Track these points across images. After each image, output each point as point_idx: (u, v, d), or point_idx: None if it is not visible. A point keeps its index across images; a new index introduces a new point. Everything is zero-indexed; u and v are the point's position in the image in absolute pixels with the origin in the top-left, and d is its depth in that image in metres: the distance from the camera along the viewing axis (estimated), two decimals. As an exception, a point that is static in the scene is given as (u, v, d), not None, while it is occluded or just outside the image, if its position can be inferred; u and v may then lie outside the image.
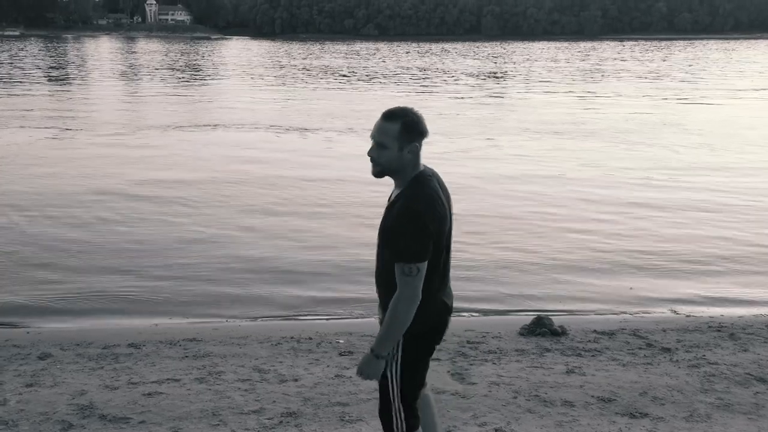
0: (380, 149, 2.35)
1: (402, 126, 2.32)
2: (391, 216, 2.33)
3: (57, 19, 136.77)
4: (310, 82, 32.80)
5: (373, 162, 2.38)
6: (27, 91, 26.01)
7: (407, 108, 2.37)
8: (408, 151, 2.36)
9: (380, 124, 2.35)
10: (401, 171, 2.37)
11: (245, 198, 9.85)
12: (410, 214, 2.28)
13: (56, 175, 11.08)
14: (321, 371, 4.33)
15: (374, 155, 2.37)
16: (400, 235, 2.27)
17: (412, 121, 2.35)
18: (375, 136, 2.36)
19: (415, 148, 2.37)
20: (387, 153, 2.34)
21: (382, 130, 2.34)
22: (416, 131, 2.35)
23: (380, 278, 2.47)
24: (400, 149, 2.33)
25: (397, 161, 2.35)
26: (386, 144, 2.33)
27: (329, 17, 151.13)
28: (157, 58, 55.26)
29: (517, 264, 7.14)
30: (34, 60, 47.36)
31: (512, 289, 6.52)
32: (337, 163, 12.65)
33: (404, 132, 2.32)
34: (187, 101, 23.53)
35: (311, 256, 7.41)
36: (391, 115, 2.34)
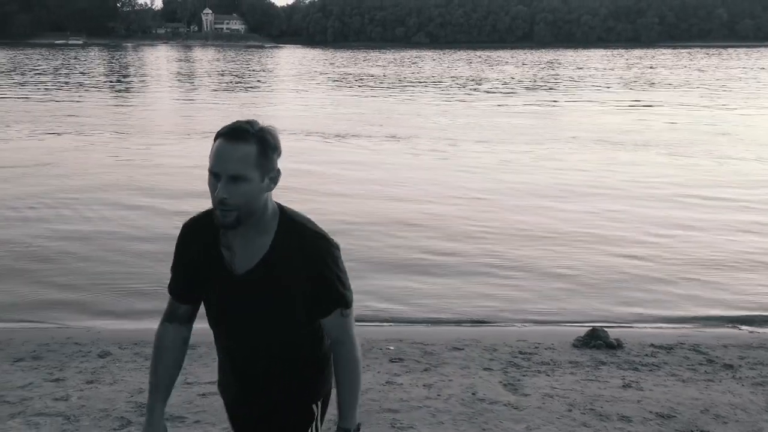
0: (236, 185, 1.65)
1: (259, 146, 1.67)
2: (292, 267, 1.75)
3: (118, 29, 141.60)
4: (357, 89, 32.99)
5: (225, 205, 1.66)
6: (83, 97, 26.93)
7: (253, 120, 1.72)
8: (271, 179, 1.73)
9: (227, 149, 1.65)
10: (262, 209, 1.74)
11: (301, 202, 9.95)
12: (328, 248, 1.79)
13: (111, 177, 11.40)
14: (372, 377, 4.33)
15: (226, 195, 1.64)
16: (333, 277, 1.79)
17: (271, 136, 1.71)
18: (223, 167, 1.65)
19: (278, 174, 1.75)
20: (247, 188, 1.66)
21: (234, 157, 1.65)
22: (276, 149, 1.72)
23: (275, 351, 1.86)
24: (261, 179, 1.69)
25: (259, 196, 1.70)
26: (244, 175, 1.65)
27: (380, 26, 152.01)
28: (211, 66, 56.53)
29: (570, 275, 7.01)
30: (94, 67, 49.04)
31: (566, 300, 6.40)
32: (380, 168, 12.66)
33: (264, 154, 1.68)
34: (239, 108, 23.96)
35: (357, 259, 7.42)
36: (240, 134, 1.67)
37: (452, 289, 6.66)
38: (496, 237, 8.18)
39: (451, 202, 9.88)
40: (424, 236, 8.25)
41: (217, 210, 1.69)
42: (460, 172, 12.20)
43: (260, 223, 1.76)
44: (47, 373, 4.34)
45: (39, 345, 4.94)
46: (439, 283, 6.79)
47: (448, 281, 6.85)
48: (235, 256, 1.79)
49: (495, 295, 6.50)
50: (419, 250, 7.73)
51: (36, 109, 21.76)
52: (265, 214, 1.76)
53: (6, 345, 4.92)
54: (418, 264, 7.27)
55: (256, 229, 1.76)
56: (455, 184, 11.11)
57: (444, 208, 9.51)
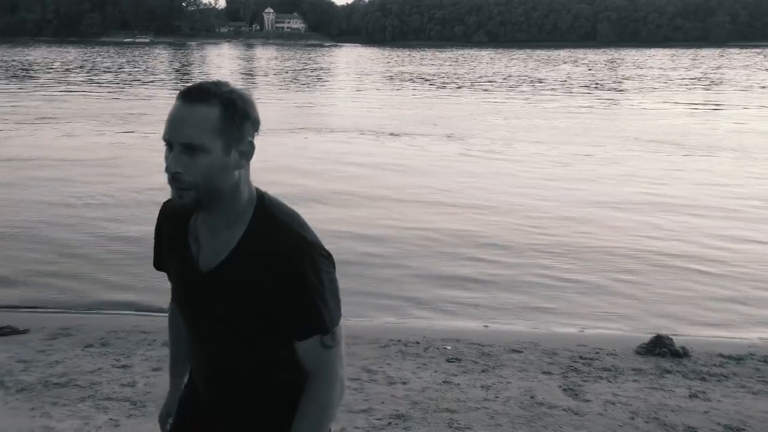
0: (192, 156, 1.35)
1: (223, 109, 1.36)
2: (261, 272, 1.41)
3: (183, 27, 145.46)
4: (412, 88, 32.93)
5: (178, 181, 1.36)
6: (145, 94, 27.77)
7: (222, 81, 1.42)
8: (240, 154, 1.41)
9: (182, 111, 1.36)
10: (230, 191, 1.41)
11: (352, 201, 9.99)
12: (310, 254, 1.43)
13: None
14: (429, 376, 4.32)
15: (179, 169, 1.35)
16: (311, 293, 1.42)
17: (240, 98, 1.39)
18: (175, 133, 1.36)
19: (250, 147, 1.43)
20: (205, 161, 1.35)
21: (190, 122, 1.35)
22: (248, 117, 1.40)
23: (237, 373, 1.54)
24: (226, 151, 1.38)
25: (222, 173, 1.38)
26: (201, 144, 1.34)
27: (439, 24, 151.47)
28: (270, 64, 57.46)
29: (633, 282, 6.81)
30: (157, 64, 50.51)
31: (628, 306, 6.23)
32: (439, 169, 12.60)
33: (229, 119, 1.37)
34: (296, 105, 24.27)
35: (416, 258, 7.42)
36: (200, 94, 1.37)
37: (511, 290, 6.59)
38: (554, 242, 7.99)
39: (506, 206, 9.67)
40: (479, 238, 8.15)
41: (172, 188, 1.38)
42: (514, 175, 11.97)
43: (230, 211, 1.43)
44: (115, 360, 4.50)
45: (107, 332, 5.12)
46: (497, 285, 6.72)
47: (507, 283, 6.77)
48: (200, 249, 1.49)
49: (555, 298, 6.39)
50: (473, 253, 7.63)
51: (101, 106, 22.54)
52: (237, 199, 1.43)
53: (77, 331, 5.12)
54: (473, 267, 7.19)
55: (225, 218, 1.44)
56: (510, 188, 10.89)
57: (498, 211, 9.35)
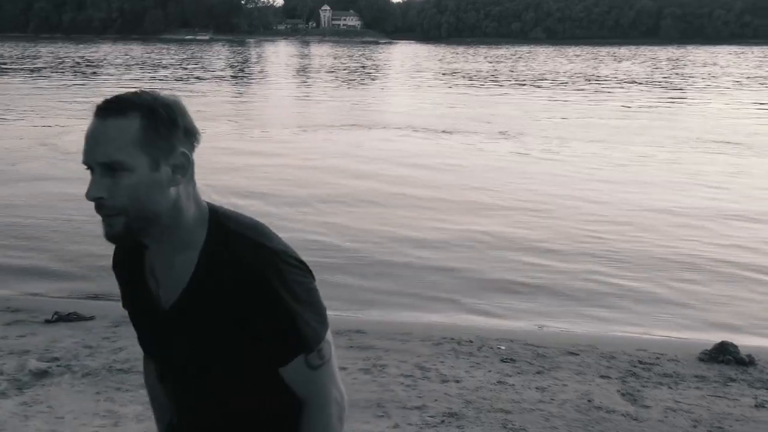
0: (113, 177, 1.18)
1: (145, 120, 1.19)
2: (225, 296, 1.24)
3: (241, 25, 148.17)
4: (465, 85, 32.65)
5: (103, 208, 1.20)
6: (204, 90, 28.36)
7: (144, 90, 1.24)
8: (173, 168, 1.22)
9: (97, 128, 1.19)
10: (169, 213, 1.23)
11: (404, 201, 9.98)
12: (276, 265, 1.26)
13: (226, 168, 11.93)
14: (482, 375, 4.28)
15: (102, 193, 1.18)
16: (286, 308, 1.25)
17: (164, 106, 1.21)
18: (91, 153, 1.18)
19: (184, 159, 1.23)
20: (130, 180, 1.18)
21: (104, 138, 1.18)
22: (176, 125, 1.22)
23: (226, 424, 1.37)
24: (153, 166, 1.20)
25: (153, 192, 1.20)
26: (122, 161, 1.17)
27: (496, 21, 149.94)
28: (324, 61, 57.93)
29: (694, 289, 6.58)
30: (215, 61, 51.56)
31: (691, 312, 6.03)
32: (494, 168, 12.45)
33: (153, 130, 1.19)
34: (349, 102, 24.39)
35: (467, 261, 7.35)
36: (116, 106, 1.19)
37: (565, 293, 6.46)
38: (610, 247, 7.73)
39: (561, 208, 9.37)
40: (531, 242, 7.98)
41: (102, 219, 1.21)
42: (569, 176, 11.62)
43: (177, 235, 1.25)
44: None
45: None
46: (551, 289, 6.59)
47: (561, 287, 6.62)
48: (159, 284, 1.32)
49: (611, 303, 6.24)
50: (525, 256, 7.45)
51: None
52: (182, 220, 1.24)
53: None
54: (526, 270, 7.05)
55: (174, 244, 1.26)
56: (564, 190, 10.52)
57: (553, 214, 9.08)
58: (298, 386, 1.32)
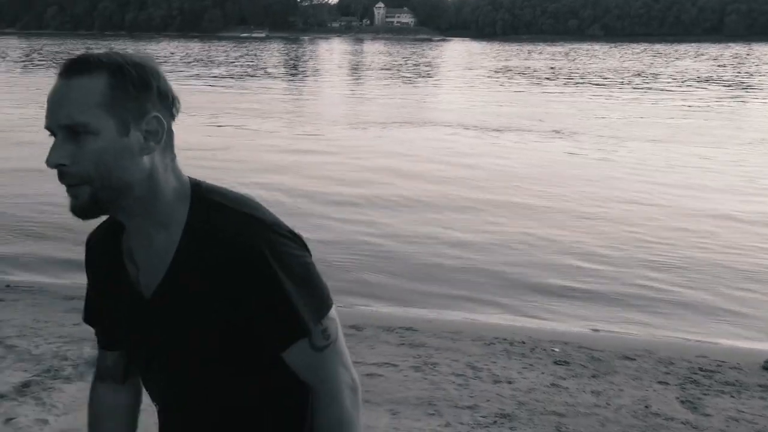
0: (77, 142, 1.05)
1: (112, 79, 1.06)
2: (213, 278, 1.11)
3: (297, 23, 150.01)
4: (518, 83, 32.21)
5: (65, 176, 1.07)
6: (256, 86, 28.78)
7: (116, 51, 1.11)
8: (146, 135, 1.09)
9: (60, 88, 1.07)
10: (143, 184, 1.10)
11: (454, 202, 9.91)
12: (268, 237, 1.12)
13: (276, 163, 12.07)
14: (535, 377, 4.22)
15: (63, 160, 1.05)
16: (282, 285, 1.11)
17: (135, 65, 1.08)
18: (53, 116, 1.06)
19: (158, 125, 1.10)
20: (95, 145, 1.05)
21: (67, 98, 1.06)
22: (148, 86, 1.09)
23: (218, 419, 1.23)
24: (122, 131, 1.07)
25: (122, 159, 1.07)
26: (86, 123, 1.05)
27: (552, 18, 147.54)
28: (376, 58, 58.06)
29: (756, 298, 6.31)
30: (269, 58, 52.31)
31: (752, 323, 5.80)
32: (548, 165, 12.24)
33: (121, 90, 1.06)
34: (400, 99, 24.37)
35: (518, 265, 7.24)
36: (81, 65, 1.07)
37: (620, 299, 6.30)
38: (668, 253, 7.43)
39: (616, 212, 9.01)
40: (584, 245, 7.76)
41: (67, 190, 1.09)
42: (625, 178, 11.21)
43: (155, 210, 1.12)
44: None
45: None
46: (606, 295, 6.42)
47: (616, 293, 6.44)
48: (138, 269, 1.19)
49: (668, 309, 6.05)
50: (578, 261, 7.24)
51: (216, 98, 23.60)
52: (158, 193, 1.11)
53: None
54: (579, 275, 6.87)
55: (152, 221, 1.13)
56: (619, 192, 10.14)
57: (607, 219, 8.77)
58: (303, 372, 1.18)
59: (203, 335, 1.14)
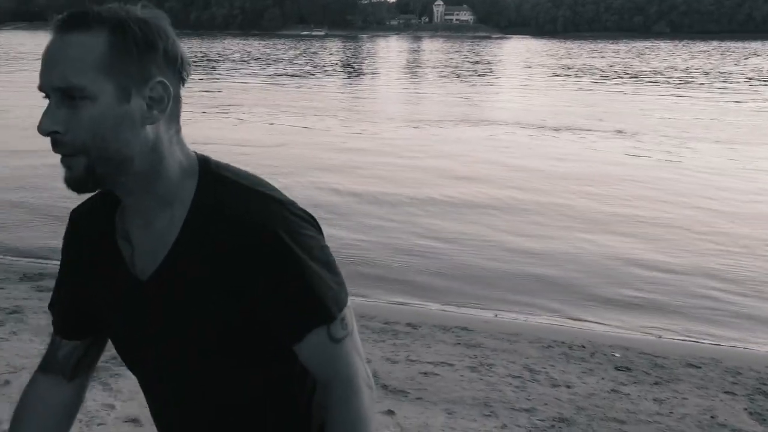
0: (72, 107, 0.95)
1: (113, 37, 0.96)
2: (222, 261, 1.00)
3: (355, 21, 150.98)
4: (577, 81, 31.52)
5: (59, 145, 0.97)
6: (314, 84, 29.06)
7: (119, 5, 0.99)
8: (150, 102, 0.99)
9: (57, 45, 0.96)
10: (145, 157, 1.00)
11: (508, 208, 9.78)
12: (284, 218, 1.02)
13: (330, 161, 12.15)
14: (595, 382, 4.13)
15: (57, 126, 0.95)
16: (299, 270, 1.01)
17: (140, 22, 0.98)
18: (47, 76, 0.96)
19: (163, 91, 0.99)
20: (92, 112, 0.95)
21: (62, 57, 0.95)
22: (153, 47, 0.98)
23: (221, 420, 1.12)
24: (122, 96, 0.97)
25: (121, 128, 0.97)
26: (82, 87, 0.95)
27: (616, 14, 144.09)
28: (435, 56, 57.87)
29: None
30: (327, 56, 52.76)
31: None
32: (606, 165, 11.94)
33: (123, 51, 0.96)
34: (457, 97, 24.20)
35: (575, 273, 7.08)
36: (79, 20, 0.96)
37: (684, 308, 6.08)
38: (736, 264, 7.07)
39: (681, 219, 8.62)
40: (644, 253, 7.53)
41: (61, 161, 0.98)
42: (688, 182, 10.76)
43: (158, 187, 1.02)
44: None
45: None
46: (668, 303, 6.22)
47: (678, 304, 6.22)
48: (134, 250, 1.07)
49: (735, 320, 5.82)
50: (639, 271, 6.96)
51: (273, 95, 23.94)
52: (162, 168, 1.01)
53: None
54: (640, 283, 6.64)
55: (154, 199, 1.03)
56: (683, 197, 9.72)
57: (670, 226, 8.43)
58: (319, 366, 1.06)
59: (205, 324, 1.03)
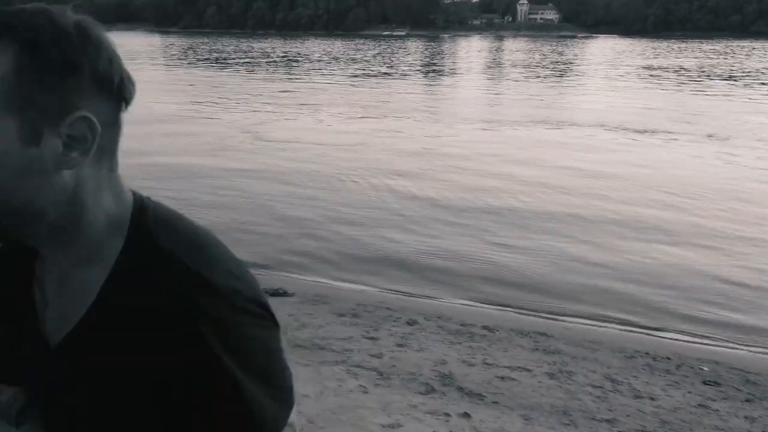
0: None
1: (22, 58, 0.72)
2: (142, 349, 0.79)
3: (437, 20, 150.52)
4: (663, 81, 30.18)
5: None
6: (393, 84, 29.13)
7: (42, 6, 0.75)
8: (68, 141, 0.76)
9: None
10: (62, 210, 0.79)
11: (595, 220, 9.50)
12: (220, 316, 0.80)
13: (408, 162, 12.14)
14: (681, 396, 3.97)
15: None
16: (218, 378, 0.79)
17: (59, 36, 0.73)
18: None
19: (87, 128, 0.76)
20: None
21: None
22: (76, 68, 0.74)
23: None
24: (28, 136, 0.74)
25: (25, 178, 0.75)
26: None
27: (711, 13, 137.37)
28: (515, 55, 56.88)
29: None
30: (406, 56, 52.81)
31: None
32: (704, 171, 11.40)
33: (31, 75, 0.73)
34: (538, 98, 23.70)
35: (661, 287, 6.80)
36: None
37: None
38: None
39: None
40: (740, 266, 7.14)
41: None
42: None
43: (77, 243, 0.82)
44: (364, 331, 4.83)
45: (357, 304, 5.52)
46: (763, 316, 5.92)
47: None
48: (47, 306, 0.88)
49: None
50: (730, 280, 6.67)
51: (350, 95, 24.17)
52: (83, 222, 0.81)
53: (332, 300, 5.60)
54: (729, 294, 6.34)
55: (70, 256, 0.84)
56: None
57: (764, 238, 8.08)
58: None
59: (117, 411, 0.82)
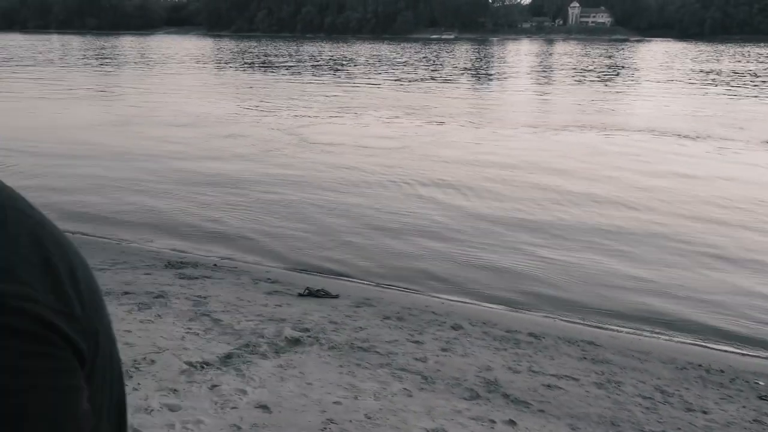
0: None
1: None
2: None
3: (486, 23, 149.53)
4: (717, 86, 29.22)
5: None
6: (455, 87, 29.01)
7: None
8: None
9: None
10: None
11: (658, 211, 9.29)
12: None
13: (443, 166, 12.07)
14: (735, 410, 3.85)
15: None
16: None
17: None
18: None
19: None
20: None
21: None
22: None
23: None
24: None
25: None
26: None
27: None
28: (564, 59, 55.99)
29: None
30: (454, 59, 52.55)
31: None
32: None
33: None
34: (587, 102, 23.26)
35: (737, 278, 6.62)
36: None
37: None
38: None
39: None
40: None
41: None
42: None
43: None
44: (409, 334, 4.82)
45: (402, 308, 5.52)
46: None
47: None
48: None
49: None
50: None
51: (396, 98, 24.18)
52: None
53: (377, 303, 5.62)
54: None
55: None
56: None
57: None
58: None
59: None
